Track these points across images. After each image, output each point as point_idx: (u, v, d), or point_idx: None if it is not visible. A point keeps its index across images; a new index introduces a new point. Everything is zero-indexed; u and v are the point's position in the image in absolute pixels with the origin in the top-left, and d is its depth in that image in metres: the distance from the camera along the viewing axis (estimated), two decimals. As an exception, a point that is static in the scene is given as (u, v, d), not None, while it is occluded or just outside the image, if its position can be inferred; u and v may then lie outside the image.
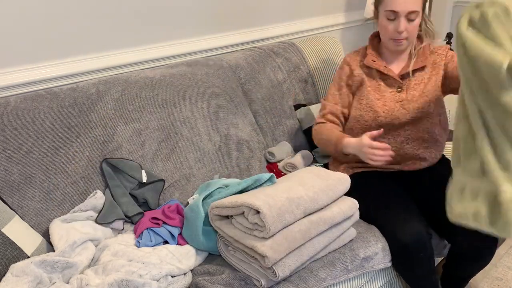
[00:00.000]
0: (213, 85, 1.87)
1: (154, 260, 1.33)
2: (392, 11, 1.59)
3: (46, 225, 1.43)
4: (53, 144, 1.49)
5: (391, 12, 1.60)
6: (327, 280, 1.35)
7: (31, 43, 1.61)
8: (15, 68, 1.60)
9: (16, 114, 1.46)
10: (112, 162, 1.57)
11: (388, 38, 1.66)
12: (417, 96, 1.68)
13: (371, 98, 1.70)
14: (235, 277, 1.31)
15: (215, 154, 1.78)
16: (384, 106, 1.69)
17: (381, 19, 1.65)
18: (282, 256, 1.24)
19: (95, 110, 1.59)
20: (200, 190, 1.66)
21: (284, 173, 1.90)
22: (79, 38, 1.72)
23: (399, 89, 1.70)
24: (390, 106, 1.68)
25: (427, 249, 1.46)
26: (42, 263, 1.23)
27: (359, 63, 1.77)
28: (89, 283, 1.23)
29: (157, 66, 1.91)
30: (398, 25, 1.60)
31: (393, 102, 1.69)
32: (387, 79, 1.72)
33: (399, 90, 1.70)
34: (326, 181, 1.42)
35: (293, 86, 2.13)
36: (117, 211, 1.49)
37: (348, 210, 1.42)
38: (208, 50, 2.10)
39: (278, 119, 2.05)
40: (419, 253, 1.45)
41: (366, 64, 1.72)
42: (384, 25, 1.64)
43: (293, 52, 2.19)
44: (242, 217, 1.29)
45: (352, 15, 2.77)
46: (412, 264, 1.48)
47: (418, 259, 1.46)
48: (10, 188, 1.40)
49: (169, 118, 1.72)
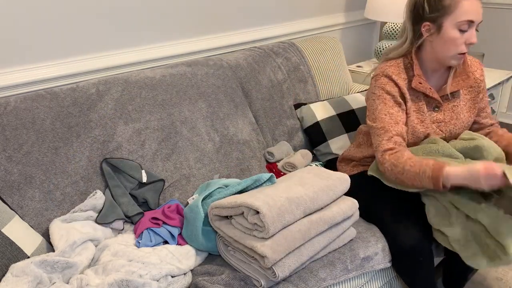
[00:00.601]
0: (213, 85, 1.88)
1: (154, 260, 1.33)
2: (468, 21, 1.46)
3: (46, 225, 1.44)
4: (53, 144, 1.49)
5: (466, 22, 1.46)
6: (327, 280, 1.35)
7: (31, 43, 1.61)
8: (15, 68, 1.60)
9: (16, 114, 1.46)
10: (112, 162, 1.57)
11: (455, 52, 1.50)
12: (455, 119, 1.61)
13: (413, 124, 1.58)
14: (235, 277, 1.31)
15: (215, 154, 1.78)
16: (425, 130, 1.59)
17: (449, 31, 1.48)
18: (281, 256, 1.24)
19: (95, 110, 1.59)
20: (200, 190, 1.66)
21: (283, 173, 1.90)
22: (79, 38, 1.72)
23: (436, 108, 1.61)
24: (428, 129, 1.60)
25: (427, 253, 1.46)
26: (42, 263, 1.23)
27: (405, 81, 1.57)
28: (89, 283, 1.24)
29: (157, 66, 1.91)
30: (471, 36, 1.47)
31: (430, 124, 1.60)
32: (427, 97, 1.61)
33: (436, 110, 1.61)
34: (326, 181, 1.42)
35: (293, 86, 2.13)
36: (117, 211, 1.49)
37: (348, 210, 1.42)
38: (208, 50, 2.10)
39: (278, 119, 2.05)
40: (419, 257, 1.45)
41: (413, 87, 1.55)
42: (453, 38, 1.48)
43: (293, 52, 2.19)
44: (242, 217, 1.29)
45: (352, 15, 2.77)
46: (412, 267, 1.48)
47: (418, 263, 1.46)
48: (10, 188, 1.40)
49: (169, 118, 1.72)
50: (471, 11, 1.45)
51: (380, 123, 1.53)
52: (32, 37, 1.61)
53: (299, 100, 2.14)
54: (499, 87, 2.50)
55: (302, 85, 2.16)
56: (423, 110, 1.58)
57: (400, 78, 1.56)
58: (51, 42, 1.66)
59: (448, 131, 1.61)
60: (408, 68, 1.59)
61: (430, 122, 1.59)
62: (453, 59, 1.52)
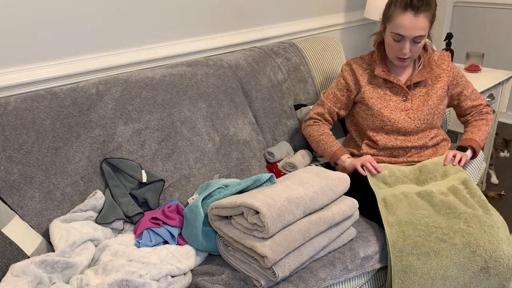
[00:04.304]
0: (213, 85, 1.88)
1: (154, 260, 1.33)
2: (398, 34, 1.61)
3: (46, 225, 1.44)
4: (53, 144, 1.49)
5: (397, 34, 1.62)
6: (327, 280, 1.35)
7: (31, 43, 1.61)
8: (15, 68, 1.60)
9: (16, 114, 1.46)
10: (112, 162, 1.57)
11: (393, 56, 1.69)
12: (421, 106, 1.73)
13: (376, 109, 1.74)
14: (235, 277, 1.31)
15: (215, 154, 1.78)
16: (390, 115, 1.72)
17: (387, 37, 1.67)
18: (281, 256, 1.24)
19: (95, 110, 1.59)
20: (200, 190, 1.66)
21: (283, 173, 1.90)
22: (79, 38, 1.72)
23: (404, 98, 1.74)
24: (396, 115, 1.72)
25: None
26: (42, 263, 1.23)
27: (364, 71, 1.79)
28: (89, 283, 1.23)
29: (157, 66, 1.91)
30: (403, 47, 1.63)
31: (399, 111, 1.73)
32: (393, 87, 1.76)
33: (404, 99, 1.74)
34: (325, 181, 1.42)
35: (293, 86, 2.13)
36: (117, 211, 1.49)
37: (348, 210, 1.42)
38: (208, 50, 2.10)
39: (278, 119, 2.05)
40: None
41: (377, 74, 1.74)
42: (389, 43, 1.67)
43: (293, 52, 2.19)
44: (242, 218, 1.29)
45: (352, 15, 2.77)
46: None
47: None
48: (10, 188, 1.40)
49: (169, 118, 1.72)
50: (403, 26, 1.59)
51: (323, 96, 1.88)
52: (32, 37, 1.61)
53: (299, 100, 2.14)
54: (499, 87, 2.50)
55: (302, 85, 2.17)
56: (386, 98, 1.75)
57: (360, 67, 1.80)
58: (51, 42, 1.66)
59: (417, 118, 1.73)
60: (374, 60, 1.79)
61: (399, 110, 1.74)
62: (394, 60, 1.71)
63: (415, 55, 1.68)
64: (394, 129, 1.73)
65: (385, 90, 1.76)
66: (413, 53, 1.65)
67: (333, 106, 1.84)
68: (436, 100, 1.74)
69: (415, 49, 1.65)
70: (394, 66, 1.77)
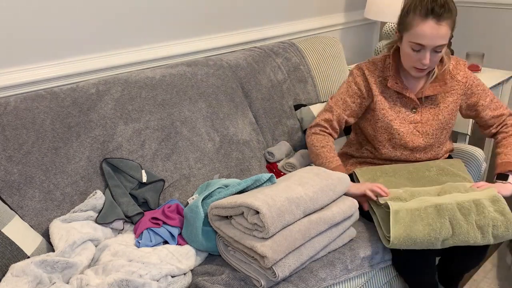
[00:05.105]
0: (213, 85, 1.88)
1: (154, 260, 1.33)
2: (418, 44, 1.51)
3: (46, 225, 1.44)
4: (53, 144, 1.49)
5: (416, 44, 1.51)
6: (327, 280, 1.35)
7: (31, 43, 1.61)
8: (15, 68, 1.60)
9: (16, 114, 1.46)
10: (112, 162, 1.57)
11: (410, 66, 1.59)
12: (431, 120, 1.67)
13: (387, 121, 1.67)
14: (235, 277, 1.31)
15: (215, 154, 1.78)
16: (400, 128, 1.67)
17: (404, 46, 1.56)
18: (281, 256, 1.24)
19: (95, 110, 1.59)
20: (200, 190, 1.66)
21: (283, 173, 1.90)
22: (79, 38, 1.72)
23: (414, 110, 1.67)
24: (404, 128, 1.67)
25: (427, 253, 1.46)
26: (42, 263, 1.23)
27: (377, 79, 1.68)
28: (89, 283, 1.23)
29: (157, 66, 1.91)
30: (423, 57, 1.52)
31: (407, 123, 1.67)
32: (403, 98, 1.68)
33: (414, 111, 1.67)
34: (325, 181, 1.42)
35: (293, 86, 2.13)
36: (117, 211, 1.49)
37: (348, 210, 1.42)
38: (208, 50, 2.10)
39: (278, 119, 2.05)
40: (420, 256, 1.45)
41: (390, 87, 1.65)
42: (407, 53, 1.56)
43: (293, 52, 2.19)
44: (242, 218, 1.29)
45: (352, 15, 2.77)
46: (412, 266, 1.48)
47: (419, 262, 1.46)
48: (10, 188, 1.40)
49: (169, 118, 1.72)
50: (424, 36, 1.49)
51: (332, 102, 1.73)
52: (33, 37, 1.61)
53: (299, 100, 2.14)
54: (499, 87, 2.50)
55: (302, 85, 2.17)
56: (396, 109, 1.67)
57: (373, 75, 1.68)
58: (51, 42, 1.66)
59: (425, 132, 1.67)
60: (387, 67, 1.68)
61: (408, 122, 1.67)
62: (411, 70, 1.60)
63: (433, 65, 1.58)
64: (402, 143, 1.68)
65: (395, 100, 1.68)
66: (432, 63, 1.55)
67: (343, 113, 1.71)
68: (447, 114, 1.67)
69: (435, 59, 1.55)
70: (408, 76, 1.67)
